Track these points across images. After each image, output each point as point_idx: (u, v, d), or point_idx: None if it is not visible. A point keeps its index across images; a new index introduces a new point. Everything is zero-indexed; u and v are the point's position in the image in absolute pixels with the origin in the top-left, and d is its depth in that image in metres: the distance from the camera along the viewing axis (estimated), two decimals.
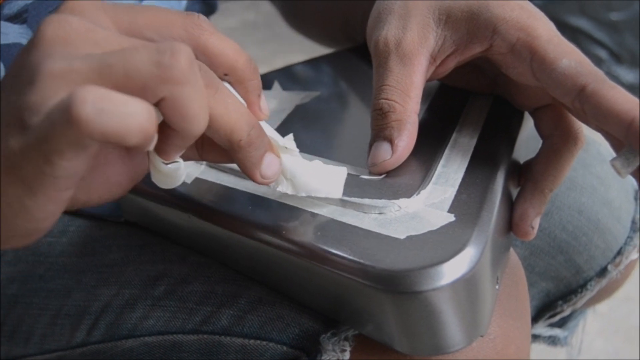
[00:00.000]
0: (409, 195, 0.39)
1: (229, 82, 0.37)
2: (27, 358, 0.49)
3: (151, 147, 0.29)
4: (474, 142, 0.45)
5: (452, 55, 0.44)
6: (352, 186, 0.41)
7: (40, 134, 0.28)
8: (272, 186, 0.38)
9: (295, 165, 0.39)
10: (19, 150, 0.29)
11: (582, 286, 0.61)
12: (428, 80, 0.45)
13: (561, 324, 0.68)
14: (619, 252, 0.61)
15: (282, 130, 0.48)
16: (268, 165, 0.36)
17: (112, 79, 0.28)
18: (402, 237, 0.36)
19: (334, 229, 0.38)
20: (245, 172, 0.36)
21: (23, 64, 0.30)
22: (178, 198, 0.43)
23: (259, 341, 0.42)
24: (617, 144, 0.39)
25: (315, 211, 0.39)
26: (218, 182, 0.43)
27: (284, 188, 0.39)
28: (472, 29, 0.42)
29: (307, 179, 0.39)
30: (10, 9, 0.44)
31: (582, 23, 1.83)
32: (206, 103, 0.30)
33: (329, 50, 0.65)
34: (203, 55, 0.35)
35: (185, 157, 0.38)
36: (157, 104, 0.29)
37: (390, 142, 0.42)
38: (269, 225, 0.39)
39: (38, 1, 0.45)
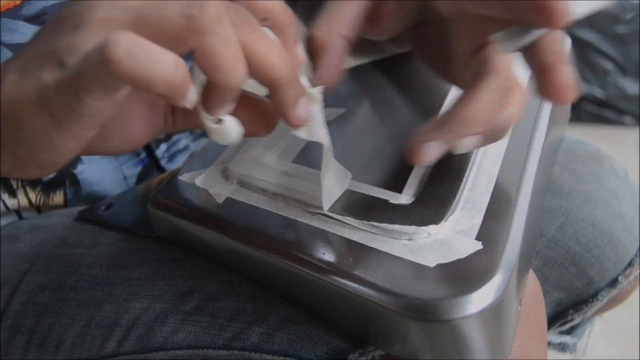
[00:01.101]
0: (437, 222, 0.40)
1: (268, 27, 0.38)
2: None
3: (186, 103, 0.31)
4: (498, 164, 0.45)
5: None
6: (381, 211, 0.42)
7: (75, 71, 0.31)
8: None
9: (315, 114, 0.40)
10: (52, 85, 0.32)
11: (593, 296, 0.63)
12: (375, 36, 0.46)
13: (570, 331, 0.69)
14: (630, 264, 0.63)
15: (309, 148, 0.49)
16: (302, 107, 0.38)
17: (146, 29, 0.31)
18: (432, 264, 0.37)
19: (365, 254, 0.39)
20: (283, 112, 0.37)
21: (69, 13, 0.33)
22: (212, 218, 0.44)
23: (288, 358, 0.43)
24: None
25: (346, 236, 0.41)
26: (250, 203, 0.44)
27: (298, 132, 0.40)
28: None
29: (322, 130, 0.41)
30: (29, 9, 0.45)
31: (589, 36, 1.85)
32: (239, 55, 0.33)
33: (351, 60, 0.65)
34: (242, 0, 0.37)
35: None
36: (191, 56, 0.31)
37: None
38: (300, 249, 0.40)
39: (56, 3, 0.46)
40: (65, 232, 0.55)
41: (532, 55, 0.38)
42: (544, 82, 0.38)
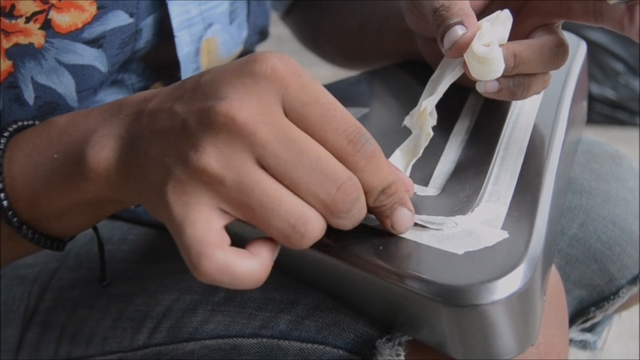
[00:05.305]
0: (464, 213, 0.41)
1: None
2: (88, 359, 0.52)
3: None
4: (521, 158, 0.46)
5: None
6: None
7: (182, 234, 0.34)
8: None
9: None
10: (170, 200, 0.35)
11: (615, 293, 0.63)
12: None
13: (591, 328, 0.70)
14: None
15: None
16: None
17: (252, 220, 0.36)
18: (461, 252, 0.38)
19: (394, 243, 0.40)
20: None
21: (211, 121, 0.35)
22: None
23: (316, 345, 0.44)
24: None
25: (376, 226, 0.41)
26: None
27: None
28: None
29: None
30: (89, 33, 0.47)
31: (600, 37, 1.86)
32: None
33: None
34: None
35: None
36: None
37: (461, 23, 0.44)
38: (329, 238, 0.41)
39: (115, 28, 0.48)
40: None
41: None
42: None
